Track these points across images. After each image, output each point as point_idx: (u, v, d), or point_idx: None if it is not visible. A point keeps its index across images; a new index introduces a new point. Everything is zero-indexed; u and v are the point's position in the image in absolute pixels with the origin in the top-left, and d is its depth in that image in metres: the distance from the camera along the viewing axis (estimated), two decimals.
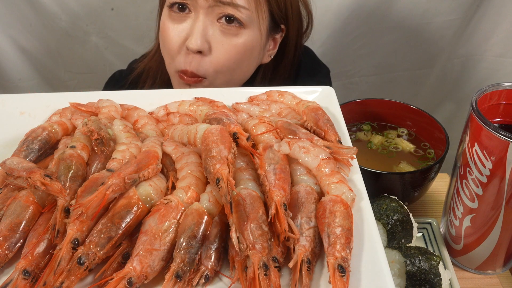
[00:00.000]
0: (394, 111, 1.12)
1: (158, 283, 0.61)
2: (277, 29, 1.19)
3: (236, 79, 1.17)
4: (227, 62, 1.10)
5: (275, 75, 1.28)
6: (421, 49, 1.84)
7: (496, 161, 0.75)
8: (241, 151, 0.74)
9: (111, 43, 1.85)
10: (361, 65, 1.90)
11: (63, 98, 0.90)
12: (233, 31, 1.08)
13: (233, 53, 1.09)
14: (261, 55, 1.19)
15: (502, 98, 0.83)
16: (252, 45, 1.11)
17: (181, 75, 1.12)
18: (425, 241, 0.96)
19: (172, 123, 0.90)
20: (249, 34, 1.09)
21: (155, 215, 0.64)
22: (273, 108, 0.90)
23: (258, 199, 0.65)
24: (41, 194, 0.69)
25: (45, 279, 0.57)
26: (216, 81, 1.13)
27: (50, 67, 1.90)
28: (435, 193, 1.10)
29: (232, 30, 1.07)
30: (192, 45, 1.06)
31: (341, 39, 1.81)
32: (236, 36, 1.08)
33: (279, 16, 1.15)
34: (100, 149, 0.76)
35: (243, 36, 1.09)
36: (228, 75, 1.13)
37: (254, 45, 1.12)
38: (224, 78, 1.13)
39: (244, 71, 1.17)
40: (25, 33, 1.80)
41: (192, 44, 1.06)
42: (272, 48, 1.22)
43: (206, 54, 1.09)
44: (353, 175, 0.72)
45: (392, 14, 1.76)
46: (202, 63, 1.10)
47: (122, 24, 1.81)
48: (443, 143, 1.00)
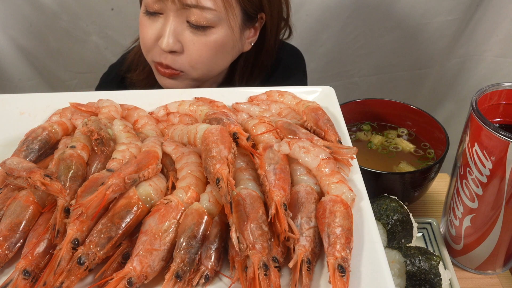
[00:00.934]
0: (394, 111, 1.12)
1: (158, 283, 0.61)
2: (253, 20, 1.20)
3: (213, 71, 1.20)
4: (200, 59, 1.13)
5: (256, 63, 1.30)
6: (421, 49, 1.84)
7: (496, 161, 0.75)
8: (241, 151, 0.74)
9: (111, 43, 1.86)
10: (361, 65, 1.90)
11: (63, 98, 0.90)
12: (202, 30, 1.09)
13: (205, 50, 1.12)
14: (238, 47, 1.20)
15: (502, 98, 0.83)
16: (223, 41, 1.13)
17: (157, 67, 1.15)
18: (425, 241, 0.96)
19: (172, 123, 0.90)
20: (219, 31, 1.11)
21: (155, 215, 0.64)
22: (273, 108, 0.90)
23: (258, 199, 0.65)
24: (41, 194, 0.69)
25: (45, 279, 0.57)
26: (193, 74, 1.16)
27: (50, 66, 1.91)
28: (435, 193, 1.10)
29: (201, 30, 1.09)
30: (163, 45, 1.08)
31: (341, 39, 1.81)
32: (206, 35, 1.10)
33: (253, 10, 1.16)
34: (100, 149, 0.76)
35: (213, 35, 1.10)
36: (204, 70, 1.16)
37: (225, 41, 1.13)
38: (200, 72, 1.16)
39: (219, 64, 1.19)
40: (25, 33, 1.80)
41: (164, 45, 1.08)
42: (253, 35, 1.23)
43: (179, 52, 1.11)
44: (353, 175, 0.72)
45: (392, 14, 1.76)
46: (176, 59, 1.12)
47: (122, 24, 1.81)
48: (443, 143, 1.00)
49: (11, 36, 1.80)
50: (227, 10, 1.09)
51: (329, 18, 1.75)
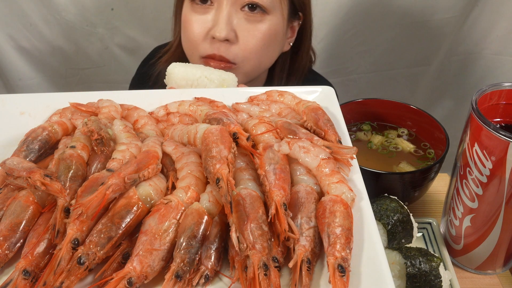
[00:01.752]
0: (394, 111, 1.12)
1: (158, 283, 0.61)
2: (296, 15, 1.23)
3: (263, 64, 1.21)
4: (255, 47, 1.13)
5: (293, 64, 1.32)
6: (420, 47, 1.85)
7: (496, 161, 0.75)
8: (241, 151, 0.74)
9: (117, 34, 1.85)
10: (360, 62, 1.91)
11: (63, 98, 0.90)
12: (257, 17, 1.11)
13: (259, 38, 1.13)
14: (282, 42, 1.22)
15: (502, 98, 0.83)
16: (276, 29, 1.15)
17: (207, 61, 1.14)
18: (425, 241, 0.96)
19: (172, 123, 0.90)
20: (273, 19, 1.13)
21: (155, 215, 0.64)
22: (273, 108, 0.90)
23: (258, 199, 0.65)
24: (41, 194, 0.69)
25: (45, 279, 0.57)
26: (245, 67, 1.16)
27: (51, 64, 1.90)
28: (435, 193, 1.10)
29: (256, 17, 1.11)
30: (218, 33, 1.09)
31: (340, 36, 1.82)
32: (261, 22, 1.12)
33: (298, 2, 1.19)
34: (100, 149, 0.76)
35: (267, 22, 1.12)
36: (256, 61, 1.17)
37: (278, 30, 1.15)
38: (252, 63, 1.17)
39: (270, 56, 1.21)
40: (25, 32, 1.80)
41: (219, 33, 1.08)
42: (291, 36, 1.26)
43: (233, 42, 1.12)
44: (353, 175, 0.72)
45: (391, 12, 1.76)
46: (230, 49, 1.12)
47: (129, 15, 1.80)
48: (443, 143, 1.00)
49: (11, 36, 1.80)
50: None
51: (328, 15, 1.76)
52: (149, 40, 1.83)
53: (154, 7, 1.79)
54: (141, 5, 1.79)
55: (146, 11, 1.79)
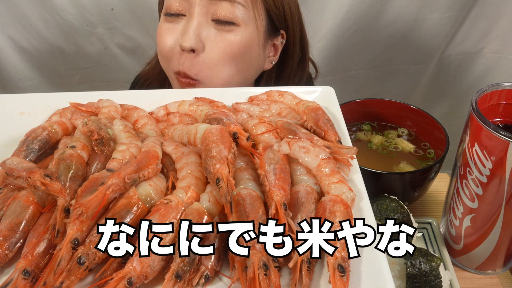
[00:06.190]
0: (394, 111, 1.12)
1: (158, 283, 0.60)
2: (276, 32, 1.16)
3: (235, 82, 1.12)
4: (221, 59, 1.06)
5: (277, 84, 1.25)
6: (418, 45, 1.86)
7: (496, 161, 0.75)
8: (241, 151, 0.74)
9: (117, 34, 1.85)
10: (358, 59, 1.91)
11: (63, 98, 0.90)
12: (228, 28, 1.05)
13: (228, 50, 1.06)
14: (262, 58, 1.16)
15: (502, 98, 0.83)
16: (248, 42, 1.07)
17: (177, 77, 1.10)
18: (425, 241, 0.96)
19: (172, 123, 0.90)
20: (245, 32, 1.06)
21: (155, 215, 0.64)
22: (273, 108, 0.90)
23: (258, 199, 0.65)
24: (41, 194, 0.69)
25: (45, 279, 0.57)
26: (211, 84, 1.09)
27: (51, 64, 1.90)
28: (435, 193, 1.10)
29: (227, 28, 1.05)
30: (185, 43, 1.03)
31: (339, 34, 1.82)
32: (230, 32, 1.05)
33: (277, 16, 1.12)
34: (100, 149, 0.76)
35: (238, 33, 1.05)
36: (224, 76, 1.09)
37: (251, 43, 1.08)
38: (219, 80, 1.09)
39: (242, 72, 1.12)
40: (24, 33, 1.80)
41: (185, 42, 1.03)
42: (273, 54, 1.19)
43: (199, 52, 1.05)
44: (353, 175, 0.72)
45: (389, 10, 1.77)
46: (194, 63, 1.06)
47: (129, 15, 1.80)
48: (443, 143, 1.00)
49: (11, 36, 1.80)
50: (254, 7, 1.05)
51: (327, 13, 1.76)
52: (149, 40, 1.83)
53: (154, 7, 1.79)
54: (141, 5, 1.79)
55: (146, 11, 1.79)
